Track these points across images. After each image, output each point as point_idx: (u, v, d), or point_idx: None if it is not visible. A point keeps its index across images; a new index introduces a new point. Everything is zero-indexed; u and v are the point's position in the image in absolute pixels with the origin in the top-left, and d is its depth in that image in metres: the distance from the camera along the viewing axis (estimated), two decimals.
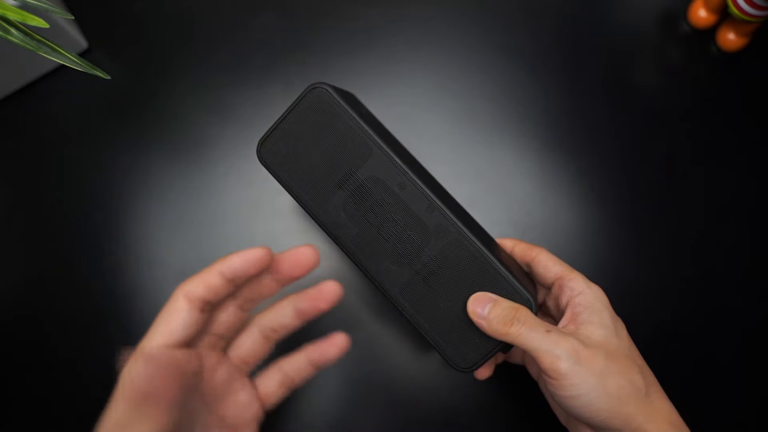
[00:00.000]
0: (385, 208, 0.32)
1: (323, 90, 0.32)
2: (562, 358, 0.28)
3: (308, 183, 0.32)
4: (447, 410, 0.41)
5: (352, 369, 0.41)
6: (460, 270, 0.32)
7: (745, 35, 0.45)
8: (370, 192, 0.32)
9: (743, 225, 0.44)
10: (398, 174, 0.32)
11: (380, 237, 0.32)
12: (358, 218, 0.32)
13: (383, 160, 0.32)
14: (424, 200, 0.32)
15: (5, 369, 0.43)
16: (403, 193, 0.32)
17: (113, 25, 0.48)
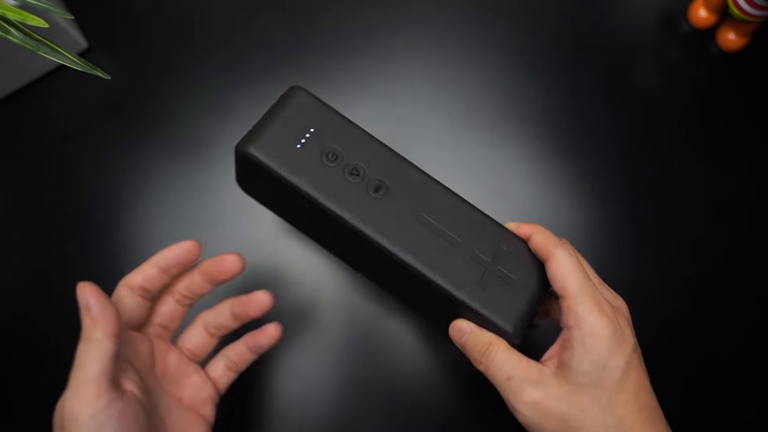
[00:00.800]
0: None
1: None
2: (533, 394, 0.29)
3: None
4: (447, 410, 0.41)
5: (352, 369, 0.41)
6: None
7: (746, 35, 0.45)
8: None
9: (743, 225, 0.44)
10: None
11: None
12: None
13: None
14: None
15: (5, 369, 0.43)
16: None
17: (113, 25, 0.48)
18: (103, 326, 0.28)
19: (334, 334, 0.42)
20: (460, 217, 0.32)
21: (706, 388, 0.41)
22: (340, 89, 0.46)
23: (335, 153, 0.32)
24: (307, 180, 0.31)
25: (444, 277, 0.31)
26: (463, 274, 0.31)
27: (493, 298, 0.31)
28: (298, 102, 0.33)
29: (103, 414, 0.27)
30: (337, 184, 0.31)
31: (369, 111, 0.46)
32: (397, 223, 0.31)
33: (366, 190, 0.31)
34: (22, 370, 0.43)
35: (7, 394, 0.42)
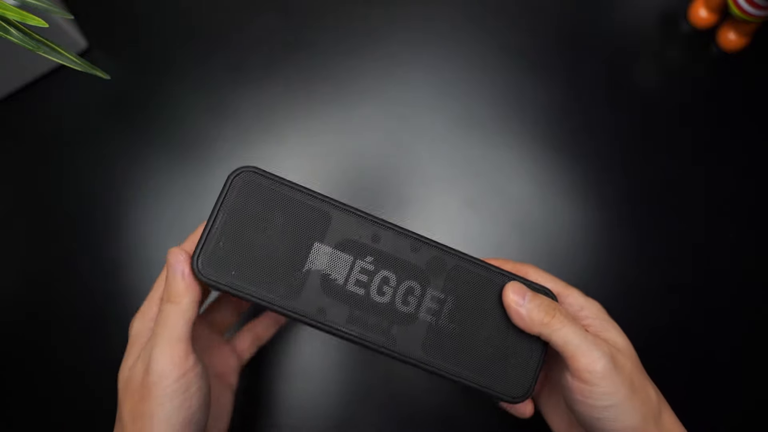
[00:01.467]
0: (370, 269, 0.28)
1: (249, 172, 0.28)
2: (601, 359, 0.27)
3: (271, 281, 0.27)
4: (446, 410, 0.41)
5: (352, 369, 0.41)
6: (473, 294, 0.29)
7: (746, 35, 0.45)
8: (346, 259, 0.28)
9: (743, 225, 0.44)
10: (367, 226, 0.28)
11: (376, 304, 0.28)
12: (343, 294, 0.28)
13: (346, 218, 0.28)
14: (406, 241, 0.29)
15: (5, 369, 0.43)
16: (381, 244, 0.28)
17: (113, 25, 0.48)
18: (193, 292, 0.28)
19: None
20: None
21: (705, 390, 0.41)
22: (340, 89, 0.46)
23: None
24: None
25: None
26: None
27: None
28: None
29: (190, 373, 0.27)
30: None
31: (369, 111, 0.46)
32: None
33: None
34: (22, 369, 0.43)
35: (8, 393, 0.42)
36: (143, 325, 0.31)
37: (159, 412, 0.27)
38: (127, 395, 0.29)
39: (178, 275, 0.28)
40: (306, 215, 0.28)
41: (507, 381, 0.29)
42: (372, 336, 0.28)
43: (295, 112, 0.46)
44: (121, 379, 0.30)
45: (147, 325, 0.31)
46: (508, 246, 0.43)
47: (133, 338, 0.31)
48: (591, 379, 0.27)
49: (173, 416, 0.27)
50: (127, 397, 0.28)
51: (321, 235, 0.28)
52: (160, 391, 0.27)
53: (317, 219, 0.28)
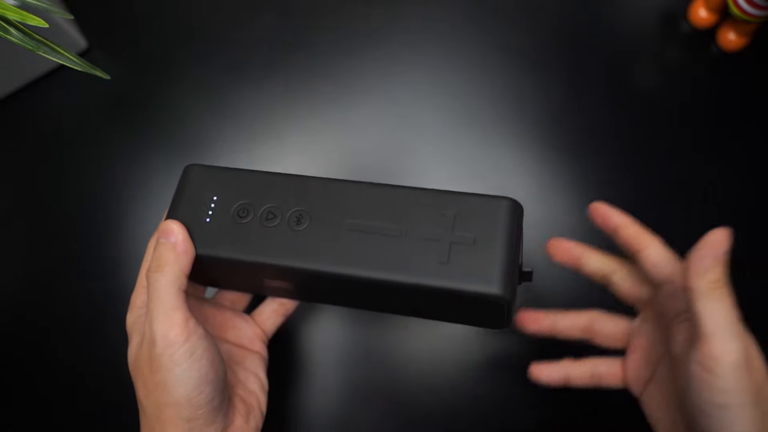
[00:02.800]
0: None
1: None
2: (738, 348, 0.24)
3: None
4: (447, 410, 0.41)
5: (353, 369, 0.41)
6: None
7: (746, 35, 0.45)
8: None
9: (743, 225, 0.44)
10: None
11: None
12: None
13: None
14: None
15: (5, 369, 0.43)
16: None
17: (113, 25, 0.48)
18: (183, 261, 0.29)
19: (334, 334, 0.42)
20: (394, 205, 0.30)
21: None
22: (340, 89, 0.46)
23: (244, 208, 0.31)
24: (228, 247, 0.30)
25: (405, 273, 0.28)
26: (421, 261, 0.28)
27: (464, 269, 0.27)
28: (193, 180, 0.32)
29: (193, 337, 0.28)
30: (257, 236, 0.30)
31: (369, 111, 0.46)
32: (332, 243, 0.29)
33: (288, 227, 0.30)
34: (22, 369, 0.43)
35: (8, 394, 0.42)
36: (135, 315, 0.31)
37: (170, 378, 0.28)
38: (138, 375, 0.29)
39: (169, 244, 0.29)
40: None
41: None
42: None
43: (295, 112, 0.46)
44: (130, 365, 0.30)
45: (139, 313, 0.31)
46: None
47: (130, 328, 0.31)
48: (719, 370, 0.25)
49: (184, 378, 0.28)
50: (139, 376, 0.29)
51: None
52: (167, 359, 0.28)
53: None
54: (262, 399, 0.34)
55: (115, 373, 0.42)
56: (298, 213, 0.30)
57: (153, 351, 0.28)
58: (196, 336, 0.28)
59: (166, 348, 0.28)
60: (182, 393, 0.28)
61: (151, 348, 0.28)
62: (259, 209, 0.31)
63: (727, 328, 0.25)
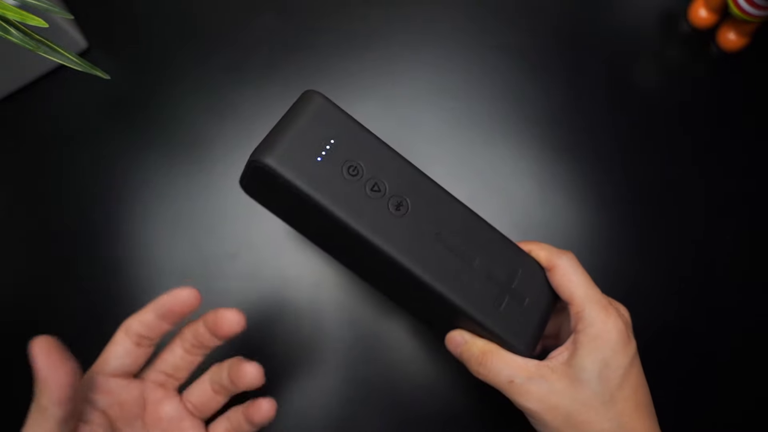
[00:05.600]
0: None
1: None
2: (528, 409, 0.30)
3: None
4: (447, 410, 0.41)
5: (352, 369, 0.41)
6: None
7: (746, 35, 0.45)
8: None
9: (743, 225, 0.44)
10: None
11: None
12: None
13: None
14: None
15: (5, 369, 0.43)
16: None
17: (113, 25, 0.48)
18: (50, 392, 0.28)
19: (334, 334, 0.42)
20: (478, 236, 0.32)
21: (705, 389, 0.41)
22: (340, 89, 0.46)
23: (356, 167, 0.31)
24: (327, 195, 0.30)
25: (462, 297, 0.31)
26: (479, 294, 0.31)
27: (507, 318, 0.31)
28: (316, 109, 0.31)
29: None
30: (357, 200, 0.30)
31: (370, 111, 0.46)
32: (417, 241, 0.31)
33: (387, 206, 0.31)
34: (22, 371, 0.43)
35: (8, 395, 0.42)
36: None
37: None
38: None
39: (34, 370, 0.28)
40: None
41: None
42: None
43: None
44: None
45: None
46: None
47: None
48: (536, 408, 0.30)
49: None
50: None
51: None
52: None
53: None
54: None
55: None
56: (399, 199, 0.31)
57: None
58: None
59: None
60: None
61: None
62: (368, 176, 0.31)
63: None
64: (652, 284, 0.43)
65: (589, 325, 0.30)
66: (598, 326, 0.30)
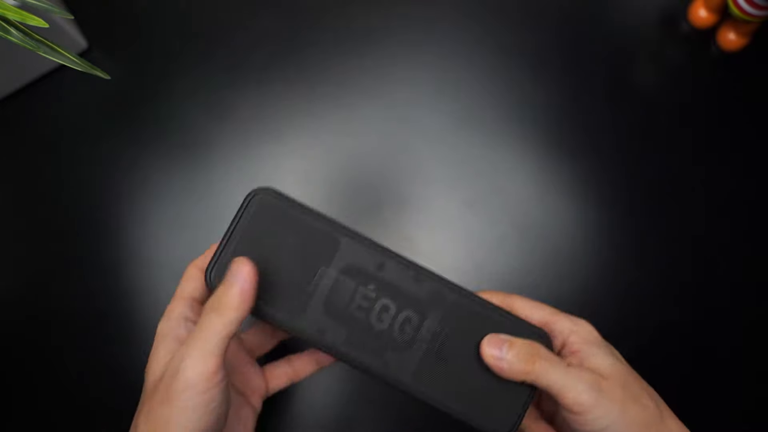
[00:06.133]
0: (371, 296, 0.30)
1: (268, 193, 0.30)
2: (585, 391, 0.28)
3: (278, 299, 0.29)
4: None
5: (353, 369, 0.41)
6: (468, 330, 0.30)
7: (746, 35, 0.45)
8: (349, 284, 0.30)
9: (743, 225, 0.44)
10: (374, 255, 0.30)
11: (374, 329, 0.30)
12: (344, 317, 0.29)
13: (354, 245, 0.30)
14: (408, 273, 0.30)
15: (5, 369, 0.43)
16: (384, 273, 0.30)
17: (113, 25, 0.48)
18: (243, 310, 0.28)
19: None
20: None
21: (705, 389, 0.41)
22: (340, 89, 0.46)
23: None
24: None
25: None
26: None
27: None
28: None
29: (215, 389, 0.27)
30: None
31: (370, 111, 0.46)
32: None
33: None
34: (22, 369, 0.43)
35: (8, 393, 0.42)
36: (168, 325, 0.31)
37: (176, 420, 0.27)
38: (149, 397, 0.29)
39: (236, 288, 0.28)
40: (316, 240, 0.30)
41: (493, 416, 0.30)
42: (367, 359, 0.30)
43: (295, 112, 0.46)
44: (147, 381, 0.30)
45: (172, 325, 0.30)
46: (508, 246, 0.43)
47: (158, 338, 0.30)
48: (581, 410, 0.29)
49: (189, 426, 0.27)
50: (150, 399, 0.29)
51: (328, 260, 0.30)
52: (182, 401, 0.27)
53: (326, 244, 0.30)
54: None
55: (115, 373, 0.42)
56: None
57: (173, 383, 0.27)
58: (218, 389, 0.27)
59: (187, 388, 0.27)
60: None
61: (172, 379, 0.27)
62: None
63: (566, 382, 0.29)
64: (652, 284, 0.43)
65: (571, 332, 0.31)
66: (578, 329, 0.31)
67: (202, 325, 0.28)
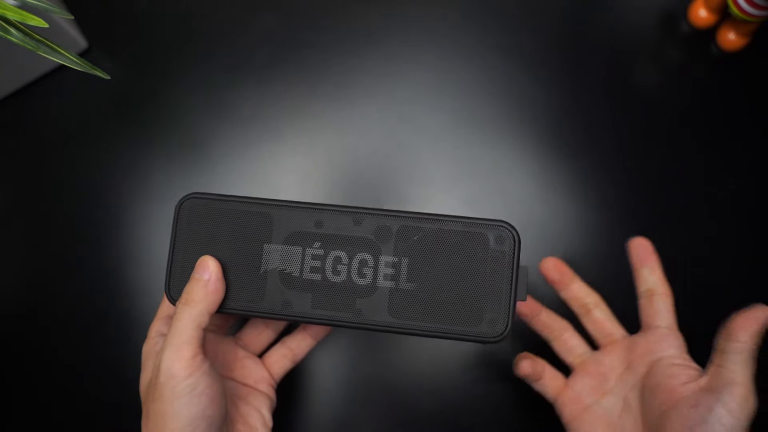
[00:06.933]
0: (320, 254, 0.30)
1: (192, 200, 0.30)
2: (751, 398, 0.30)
3: (237, 290, 0.30)
4: (447, 410, 0.41)
5: (353, 369, 0.41)
6: (425, 247, 0.29)
7: (746, 35, 0.45)
8: (296, 251, 0.30)
9: (743, 225, 0.44)
10: (307, 215, 0.30)
11: (334, 283, 0.30)
12: (303, 283, 0.30)
13: (286, 213, 0.30)
14: (347, 218, 0.30)
15: (5, 369, 0.43)
16: (324, 227, 0.30)
17: (113, 25, 0.48)
18: (210, 301, 0.29)
19: (334, 334, 0.42)
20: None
21: None
22: (340, 89, 0.46)
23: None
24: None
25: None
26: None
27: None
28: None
29: (197, 372, 0.29)
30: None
31: (370, 111, 0.46)
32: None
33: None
34: (22, 368, 0.43)
35: (8, 392, 0.42)
36: (148, 346, 0.32)
37: (170, 411, 0.28)
38: (144, 401, 0.31)
39: (201, 282, 0.29)
40: (250, 222, 0.30)
41: (482, 322, 0.29)
42: (338, 315, 0.30)
43: (295, 112, 0.46)
44: (142, 392, 0.31)
45: (151, 344, 0.32)
46: None
47: (144, 358, 0.32)
48: (741, 416, 0.30)
49: (181, 413, 0.28)
50: (145, 402, 0.31)
51: (268, 236, 0.30)
52: (168, 390, 0.28)
53: (261, 222, 0.30)
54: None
55: (115, 372, 0.42)
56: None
57: (157, 379, 0.29)
58: (200, 372, 0.29)
59: (169, 380, 0.28)
60: (176, 426, 0.28)
61: (156, 376, 0.29)
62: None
63: (751, 383, 0.30)
64: None
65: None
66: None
67: (174, 320, 0.29)
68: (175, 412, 0.28)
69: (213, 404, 0.29)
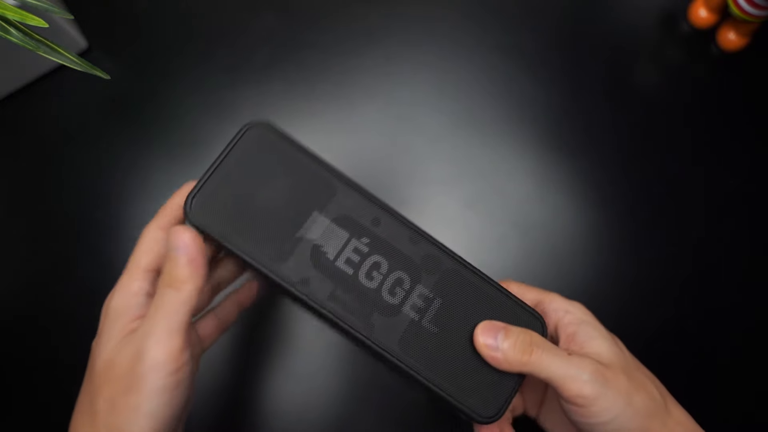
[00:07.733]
0: (363, 251, 0.27)
1: (264, 127, 0.28)
2: (589, 382, 0.27)
3: (262, 240, 0.27)
4: (446, 413, 0.41)
5: (351, 369, 0.41)
6: (462, 301, 0.28)
7: (746, 35, 0.45)
8: (342, 234, 0.27)
9: (743, 225, 0.44)
10: (370, 208, 0.28)
11: (362, 286, 0.27)
12: (332, 269, 0.27)
13: (351, 194, 0.28)
14: (405, 232, 0.28)
15: (5, 369, 0.43)
16: (380, 228, 0.28)
17: (113, 25, 0.48)
18: (198, 279, 0.26)
19: (331, 334, 0.42)
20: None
21: (704, 389, 0.41)
22: (340, 89, 0.46)
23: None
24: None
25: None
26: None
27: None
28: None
29: (184, 368, 0.26)
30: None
31: (369, 111, 0.46)
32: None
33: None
34: (21, 368, 0.43)
35: (8, 393, 0.42)
36: (124, 302, 0.28)
37: (146, 406, 0.25)
38: (107, 381, 0.26)
39: (184, 259, 0.26)
40: (312, 182, 0.27)
41: (479, 397, 0.28)
42: (351, 319, 0.27)
43: (295, 112, 0.46)
44: (99, 360, 0.27)
45: (130, 302, 0.28)
46: (508, 246, 0.43)
47: (112, 314, 0.28)
48: (584, 403, 0.27)
49: (160, 411, 0.25)
50: (108, 383, 0.26)
51: (322, 205, 0.27)
52: (150, 384, 0.25)
53: (322, 188, 0.27)
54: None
55: None
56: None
57: (137, 367, 0.25)
58: (187, 368, 0.26)
59: (154, 371, 0.25)
60: (148, 426, 0.25)
61: (136, 363, 0.25)
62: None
63: (567, 372, 0.27)
64: (652, 284, 0.43)
65: (565, 311, 0.30)
66: (573, 310, 0.30)
67: (160, 302, 0.26)
68: (151, 409, 0.25)
69: (187, 406, 0.27)
